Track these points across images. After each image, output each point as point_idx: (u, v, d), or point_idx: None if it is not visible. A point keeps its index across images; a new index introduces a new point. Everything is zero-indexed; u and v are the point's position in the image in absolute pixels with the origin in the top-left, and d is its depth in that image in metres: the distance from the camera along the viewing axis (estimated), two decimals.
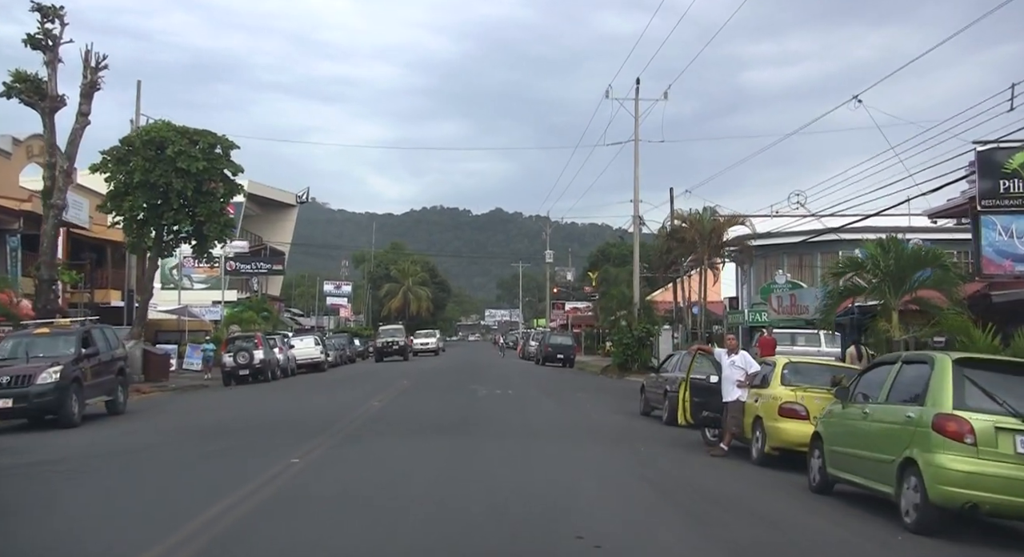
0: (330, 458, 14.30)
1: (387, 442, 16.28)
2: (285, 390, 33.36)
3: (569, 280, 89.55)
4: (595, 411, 24.61)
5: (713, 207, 30.46)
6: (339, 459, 14.20)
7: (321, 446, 15.50)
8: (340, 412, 21.88)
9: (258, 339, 38.21)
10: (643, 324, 43.39)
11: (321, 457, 14.30)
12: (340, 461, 14.01)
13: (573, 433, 18.97)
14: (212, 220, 35.08)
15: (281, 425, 19.59)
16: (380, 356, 61.82)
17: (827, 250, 44.42)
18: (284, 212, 74.95)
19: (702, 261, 30.26)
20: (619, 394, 31.73)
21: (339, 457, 14.39)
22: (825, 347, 39.92)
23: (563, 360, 55.11)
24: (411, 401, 26.02)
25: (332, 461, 14.01)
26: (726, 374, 16.31)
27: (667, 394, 21.70)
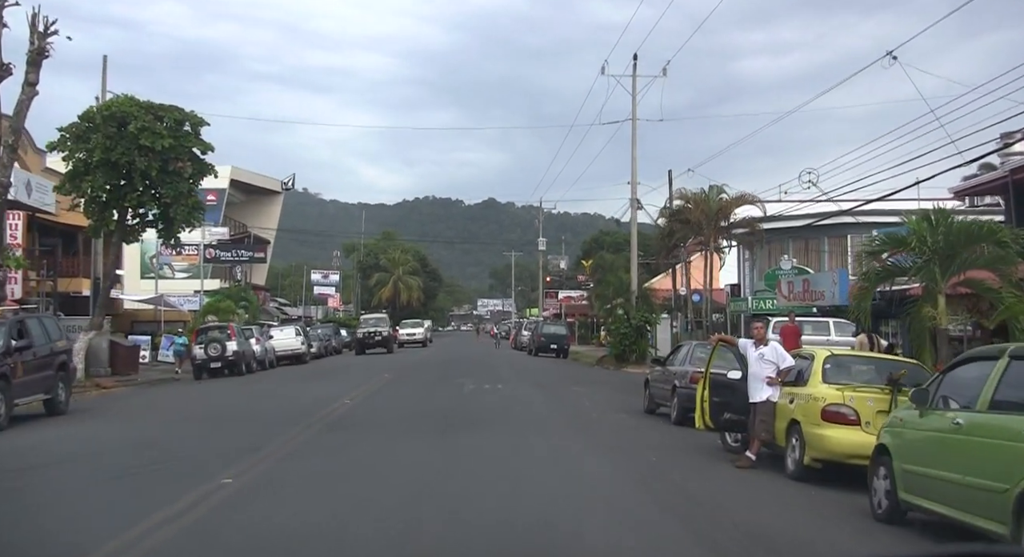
0: (272, 477, 11.50)
1: (348, 454, 13.47)
2: (256, 384, 30.56)
3: (562, 269, 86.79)
4: (594, 408, 21.86)
5: (720, 185, 27.78)
6: (281, 479, 11.37)
7: (267, 459, 12.72)
8: (303, 412, 19.12)
9: (231, 330, 35.39)
10: (641, 312, 40.64)
11: (260, 476, 11.51)
12: (282, 482, 11.19)
13: (570, 437, 16.22)
14: (179, 202, 32.19)
15: (231, 428, 16.84)
16: (361, 348, 55.26)
17: (835, 234, 41.68)
18: (269, 199, 71.98)
19: (707, 244, 27.41)
20: (618, 387, 29.02)
21: (282, 477, 11.56)
22: (835, 336, 37.21)
23: (557, 350, 52.36)
24: (388, 398, 23.27)
25: (273, 482, 11.22)
26: (753, 370, 13.55)
27: (676, 390, 18.99)
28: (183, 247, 54.02)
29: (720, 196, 27.54)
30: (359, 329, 58.09)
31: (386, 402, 21.93)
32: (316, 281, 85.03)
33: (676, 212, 27.30)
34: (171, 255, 54.21)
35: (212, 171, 33.55)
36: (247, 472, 11.61)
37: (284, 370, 39.61)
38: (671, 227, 28.11)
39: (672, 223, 27.82)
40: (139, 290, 56.08)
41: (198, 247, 53.82)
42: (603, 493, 10.84)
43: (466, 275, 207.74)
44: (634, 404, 22.68)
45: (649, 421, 19.69)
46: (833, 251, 42.15)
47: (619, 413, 20.94)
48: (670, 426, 18.66)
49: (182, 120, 32.27)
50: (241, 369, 35.14)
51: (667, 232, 28.09)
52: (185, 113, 32.46)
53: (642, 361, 40.78)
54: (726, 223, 27.89)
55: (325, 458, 12.94)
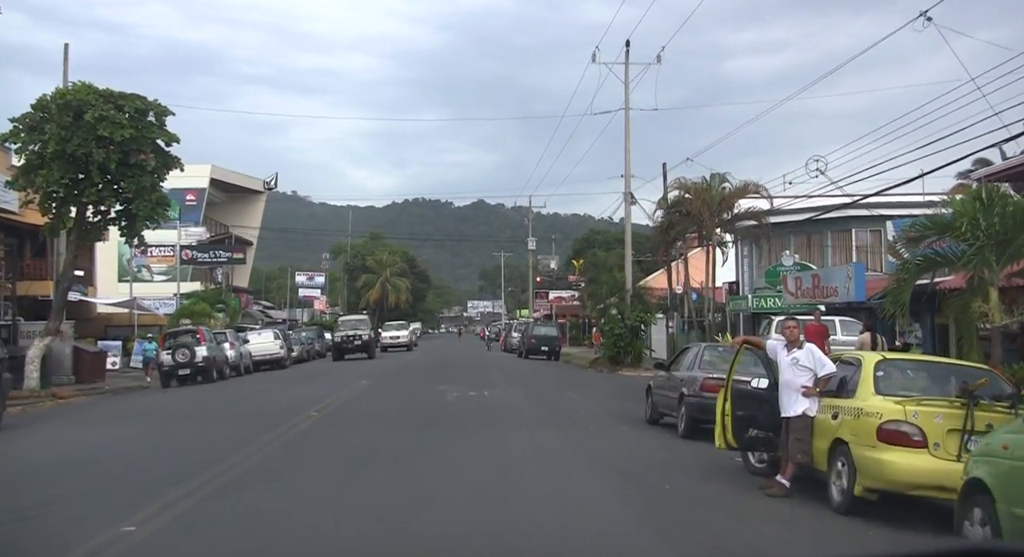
0: (189, 522, 8.98)
1: (291, 486, 10.98)
2: (224, 393, 28.04)
3: (553, 268, 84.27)
4: (590, 418, 19.46)
5: (722, 174, 25.23)
6: (199, 525, 8.86)
7: (192, 494, 10.23)
8: (261, 427, 16.66)
9: (200, 334, 32.84)
10: (637, 312, 38.23)
11: (176, 521, 9.00)
12: (198, 530, 8.69)
13: (566, 456, 13.82)
14: (142, 197, 29.62)
15: (170, 449, 14.40)
16: (339, 353, 49.18)
17: (839, 228, 39.32)
18: (251, 199, 69.43)
19: (709, 238, 24.95)
20: (614, 393, 26.64)
21: (201, 521, 9.04)
22: (841, 335, 34.99)
23: (548, 352, 49.91)
24: (362, 407, 20.82)
25: (188, 528, 8.72)
26: (786, 378, 11.16)
27: (683, 399, 16.60)
28: (150, 247, 51.74)
29: (722, 186, 25.07)
30: (336, 332, 51.78)
31: (356, 414, 19.46)
32: (301, 283, 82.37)
33: (675, 204, 24.87)
34: (144, 256, 51.72)
35: (178, 164, 30.95)
36: (162, 514, 9.13)
37: (260, 376, 37.08)
38: (669, 220, 25.62)
39: (670, 215, 25.35)
40: (117, 293, 53.49)
41: (174, 248, 51.23)
42: (614, 542, 8.41)
43: (456, 277, 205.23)
44: (634, 412, 20.32)
45: (653, 434, 17.28)
46: (837, 246, 39.80)
47: (618, 424, 18.54)
48: (677, 440, 16.29)
49: (144, 109, 29.72)
50: (212, 376, 32.62)
51: (665, 225, 25.61)
52: (148, 101, 29.92)
53: (638, 363, 38.40)
54: (729, 215, 25.45)
55: (260, 493, 10.43)
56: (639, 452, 14.74)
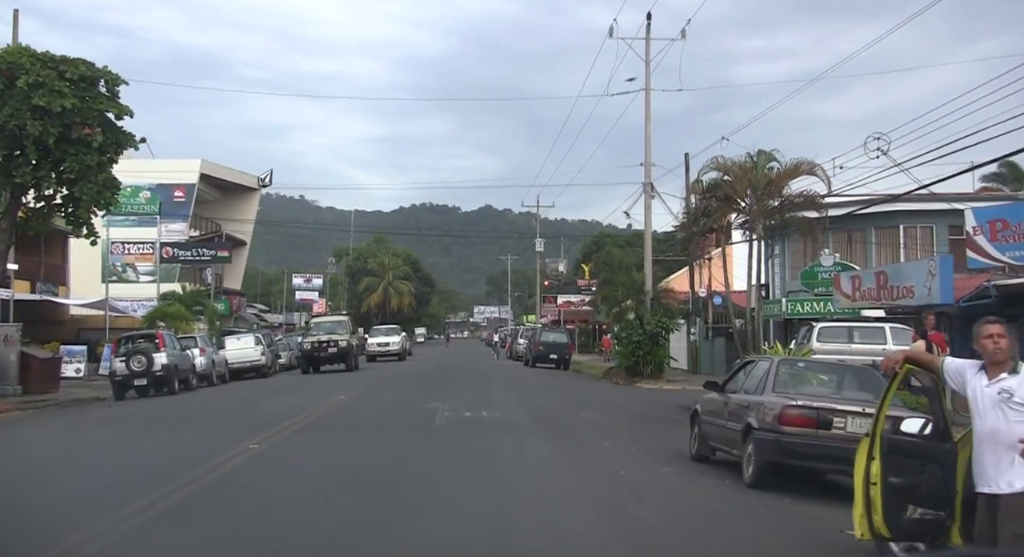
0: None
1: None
2: (179, 409, 23.22)
3: (561, 271, 79.42)
4: (617, 453, 14.60)
5: (769, 151, 20.22)
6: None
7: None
8: (180, 466, 11.90)
9: (160, 338, 28.03)
10: (658, 317, 33.39)
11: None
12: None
13: (592, 526, 8.98)
14: (86, 178, 24.92)
15: (47, 497, 9.63)
16: (309, 364, 38.69)
17: (884, 224, 34.45)
18: (245, 196, 64.66)
19: (753, 227, 19.99)
20: (638, 412, 21.83)
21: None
22: (892, 344, 30.21)
23: (557, 361, 45.03)
24: (324, 436, 15.89)
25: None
26: (991, 425, 6.24)
27: (751, 434, 11.76)
28: (127, 245, 47.39)
29: (770, 165, 20.16)
30: (306, 337, 40.93)
31: (313, 449, 14.56)
32: (298, 286, 77.60)
33: (711, 188, 20.05)
34: (121, 254, 47.03)
35: (132, 142, 26.20)
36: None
37: (235, 387, 32.26)
38: (705, 206, 20.73)
39: (705, 202, 20.45)
40: (101, 295, 48.81)
41: (154, 246, 46.51)
42: None
43: (463, 282, 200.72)
44: (670, 442, 15.59)
45: (707, 480, 12.38)
46: (883, 243, 34.95)
47: (655, 462, 13.69)
48: (743, 491, 11.50)
49: (92, 77, 25.03)
50: (174, 386, 27.80)
51: (700, 212, 20.71)
52: (95, 68, 25.21)
53: (659, 375, 33.54)
54: (777, 201, 20.53)
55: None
56: (697, 514, 9.93)
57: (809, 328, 31.20)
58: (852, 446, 11.11)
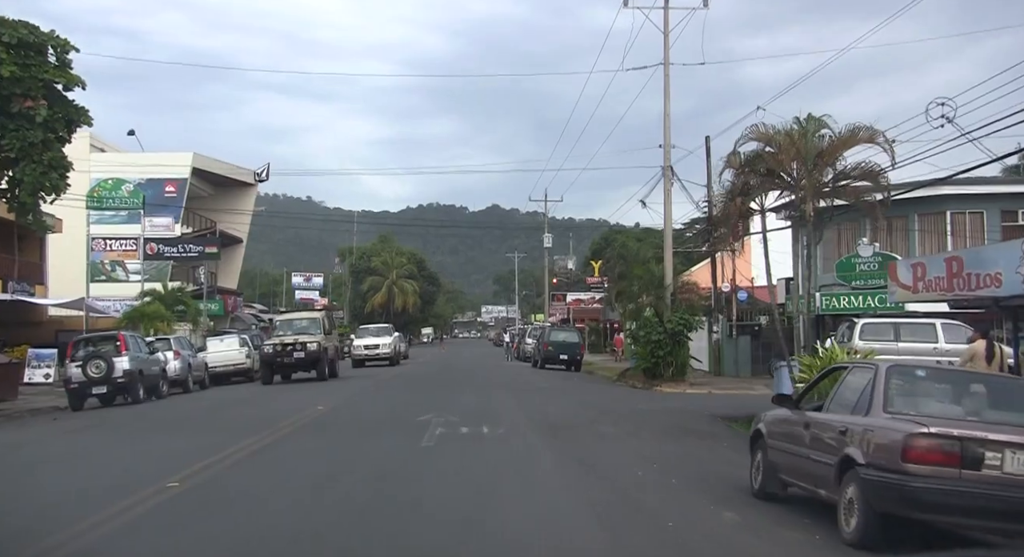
0: None
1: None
2: (133, 424, 19.68)
3: (570, 269, 75.70)
4: (655, 487, 11.01)
5: (820, 117, 16.64)
6: None
7: None
8: (90, 501, 8.36)
9: (121, 340, 24.47)
10: (680, 314, 29.79)
11: None
12: None
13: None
14: (28, 158, 21.43)
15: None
16: (272, 372, 31.15)
17: (929, 209, 30.73)
18: (241, 192, 61.13)
19: (804, 204, 16.38)
20: (667, 424, 18.21)
21: None
22: (944, 343, 26.61)
23: (567, 362, 41.37)
24: (259, 473, 12.21)
25: None
26: None
27: (853, 471, 8.07)
28: (108, 241, 43.91)
29: (820, 132, 16.53)
30: (268, 340, 33.07)
31: (246, 488, 10.91)
32: (298, 285, 73.99)
33: (751, 160, 16.54)
34: (105, 251, 43.53)
35: (83, 117, 22.70)
36: None
37: (211, 394, 28.67)
38: (743, 183, 17.21)
39: (744, 177, 16.94)
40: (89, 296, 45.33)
41: (137, 241, 42.97)
42: None
43: (471, 282, 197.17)
44: (716, 467, 12.27)
45: (792, 536, 8.72)
46: (927, 231, 31.26)
47: (707, 501, 10.08)
48: (846, 551, 7.88)
49: (36, 42, 21.54)
50: (138, 394, 24.27)
51: (739, 190, 17.17)
52: (39, 32, 21.75)
53: (680, 377, 29.91)
54: (831, 173, 16.90)
55: None
56: None
57: (850, 325, 27.55)
58: (1015, 494, 7.53)
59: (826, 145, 17.15)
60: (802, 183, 16.86)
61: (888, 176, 17.30)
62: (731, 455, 14.08)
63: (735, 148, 18.36)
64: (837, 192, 17.68)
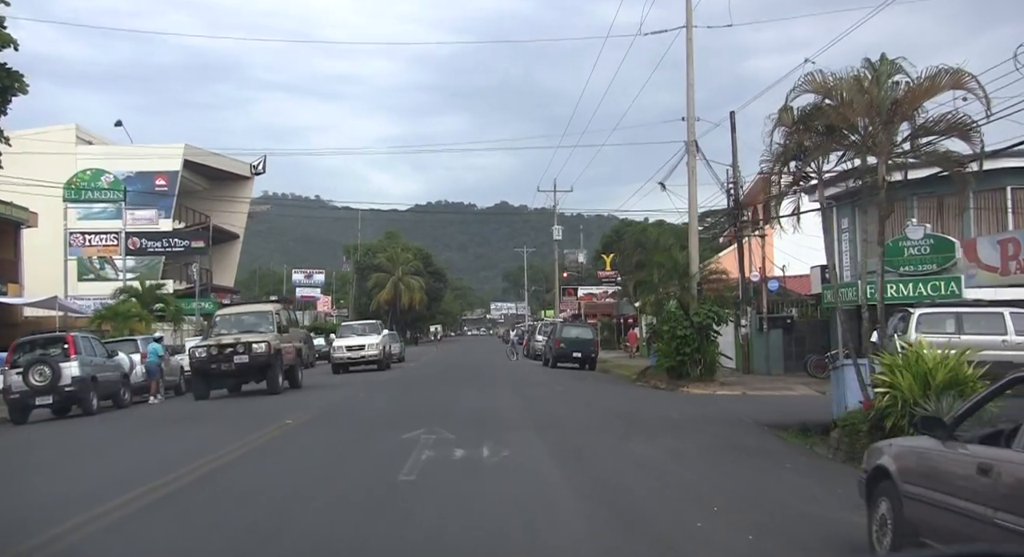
0: None
1: None
2: (68, 444, 16.17)
3: (581, 262, 72.03)
4: (727, 547, 7.37)
5: (893, 60, 13.28)
6: None
7: None
8: None
9: (70, 342, 20.90)
10: (709, 306, 26.18)
11: None
12: None
13: None
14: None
15: None
16: (206, 384, 24.15)
17: (985, 186, 26.81)
18: (238, 186, 57.66)
19: (879, 169, 12.99)
20: (713, 440, 14.61)
21: None
22: (1014, 334, 23.04)
23: (581, 360, 37.81)
24: (169, 522, 8.56)
25: None
26: None
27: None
28: (88, 236, 40.45)
29: (895, 79, 13.10)
30: (200, 344, 25.63)
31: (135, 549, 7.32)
32: (298, 282, 70.47)
33: (808, 116, 13.17)
34: (83, 246, 40.05)
35: (19, 85, 19.15)
36: None
37: (175, 404, 25.02)
38: (797, 144, 13.76)
39: (798, 135, 13.55)
40: (77, 295, 41.91)
41: (118, 236, 39.48)
42: None
43: (480, 279, 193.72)
44: (792, 505, 8.96)
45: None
46: (984, 208, 27.53)
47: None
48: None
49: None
50: (90, 404, 20.72)
51: (792, 153, 13.74)
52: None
53: (709, 376, 26.28)
54: (909, 128, 13.43)
55: None
56: None
57: (903, 316, 23.92)
58: None
59: (902, 94, 13.62)
60: (874, 142, 13.35)
61: (982, 131, 13.72)
62: (804, 484, 10.57)
63: (786, 102, 14.83)
64: (917, 152, 14.15)
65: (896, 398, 12.77)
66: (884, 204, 14.61)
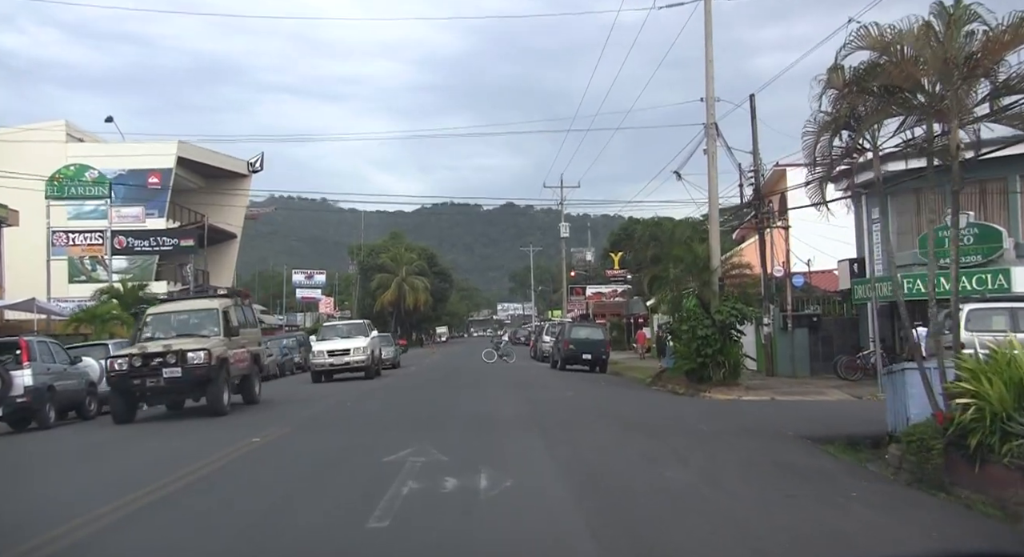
0: None
1: None
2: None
3: (588, 260, 69.59)
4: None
5: (969, 4, 11.13)
6: None
7: None
8: None
9: (23, 348, 18.49)
10: (732, 303, 23.74)
11: None
12: None
13: None
14: None
15: None
16: (130, 401, 18.51)
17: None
18: (235, 184, 55.33)
19: (954, 132, 10.77)
20: (752, 459, 12.22)
21: None
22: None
23: (591, 362, 35.38)
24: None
25: None
26: None
27: None
28: (71, 235, 38.10)
29: (969, 28, 10.79)
30: (119, 353, 19.45)
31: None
32: (299, 283, 68.08)
33: (863, 75, 10.96)
34: (67, 245, 37.70)
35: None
36: None
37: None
38: (849, 108, 11.45)
39: (850, 99, 11.25)
40: (68, 297, 39.62)
41: (104, 235, 37.12)
42: None
43: (487, 280, 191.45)
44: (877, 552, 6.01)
45: None
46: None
47: None
48: None
49: None
50: (46, 417, 18.36)
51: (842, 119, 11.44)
52: None
53: (733, 380, 23.82)
54: (987, 85, 11.11)
55: None
56: None
57: (951, 312, 21.52)
58: None
59: (977, 46, 11.18)
60: (944, 103, 10.91)
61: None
62: (884, 523, 8.25)
63: (836, 61, 12.38)
64: (997, 115, 11.70)
65: (984, 410, 10.36)
66: (957, 177, 12.13)
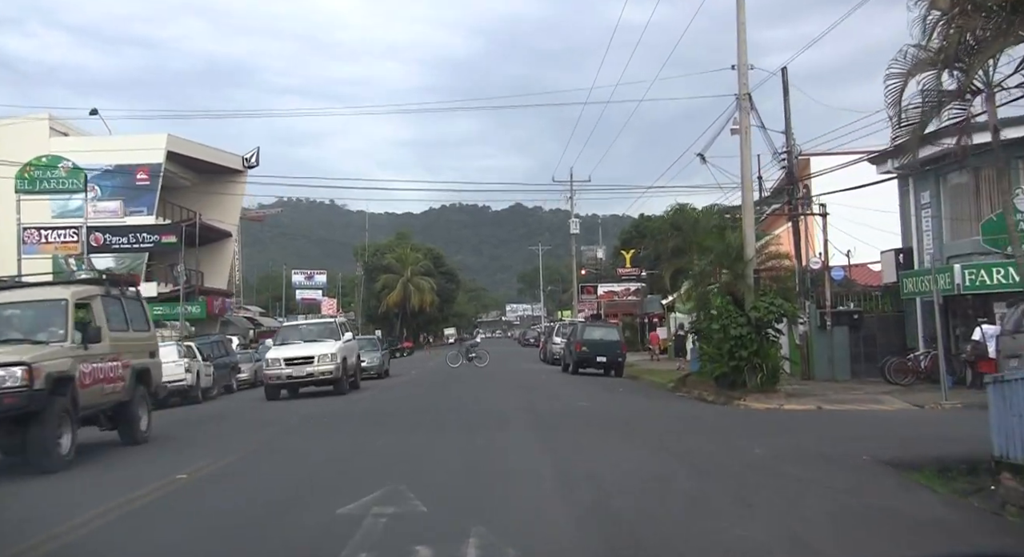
0: None
1: None
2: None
3: (599, 258, 66.37)
4: None
5: None
6: None
7: None
8: None
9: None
10: (770, 298, 20.49)
11: None
12: None
13: None
14: None
15: None
16: None
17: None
18: (229, 180, 52.13)
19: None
20: (830, 497, 8.86)
21: None
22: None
23: (606, 365, 32.14)
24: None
25: None
26: None
27: None
28: (45, 231, 35.00)
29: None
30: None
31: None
32: (299, 283, 64.97)
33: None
34: (39, 244, 34.53)
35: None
36: None
37: None
38: (958, 36, 8.39)
39: (961, 21, 8.38)
40: None
41: (79, 231, 33.99)
42: None
43: (496, 281, 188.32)
44: None
45: None
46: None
47: None
48: None
49: None
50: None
51: (952, 53, 8.51)
52: None
53: (771, 387, 20.52)
54: None
55: None
56: None
57: (1019, 307, 18.22)
58: None
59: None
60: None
61: None
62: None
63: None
64: None
65: None
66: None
